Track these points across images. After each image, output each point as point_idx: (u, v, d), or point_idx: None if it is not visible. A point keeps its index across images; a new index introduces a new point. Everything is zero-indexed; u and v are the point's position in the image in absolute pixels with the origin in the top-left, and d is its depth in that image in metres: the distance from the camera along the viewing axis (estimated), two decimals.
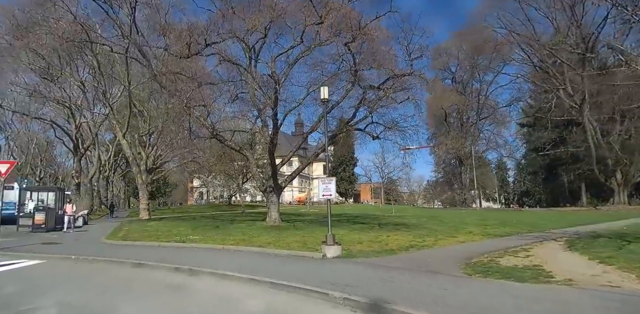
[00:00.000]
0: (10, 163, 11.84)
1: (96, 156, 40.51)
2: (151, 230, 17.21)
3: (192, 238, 13.48)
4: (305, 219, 24.76)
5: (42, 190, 21.03)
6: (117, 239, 13.68)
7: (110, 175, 61.71)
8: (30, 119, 32.61)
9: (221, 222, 22.65)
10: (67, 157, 74.21)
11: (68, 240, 14.15)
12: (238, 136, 24.98)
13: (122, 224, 22.57)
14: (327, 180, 10.31)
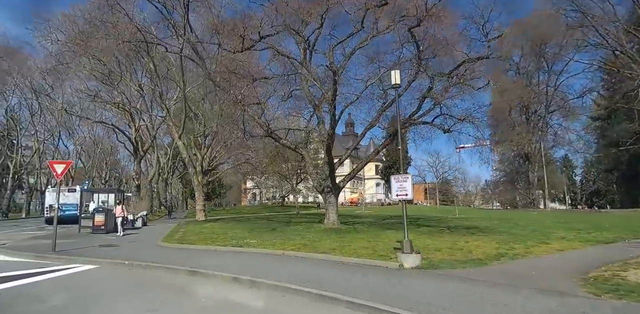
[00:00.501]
0: (66, 163, 11.56)
1: (155, 158, 41.63)
2: (207, 232, 16.62)
3: (250, 241, 12.56)
4: (364, 222, 23.38)
5: (102, 192, 21.34)
6: (173, 242, 13.07)
7: (169, 177, 63.76)
8: (93, 122, 33.72)
9: (277, 224, 21.83)
10: (129, 160, 77.89)
11: (125, 243, 13.76)
12: (292, 135, 24.11)
13: (179, 225, 22.40)
14: (402, 178, 8.90)
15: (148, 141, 34.81)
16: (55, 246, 11.04)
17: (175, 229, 18.90)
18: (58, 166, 11.21)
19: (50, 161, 10.88)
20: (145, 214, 25.34)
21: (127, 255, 10.38)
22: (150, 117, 33.90)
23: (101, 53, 26.84)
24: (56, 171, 11.13)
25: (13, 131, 45.95)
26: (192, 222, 25.21)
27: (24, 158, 47.43)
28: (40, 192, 53.79)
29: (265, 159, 39.43)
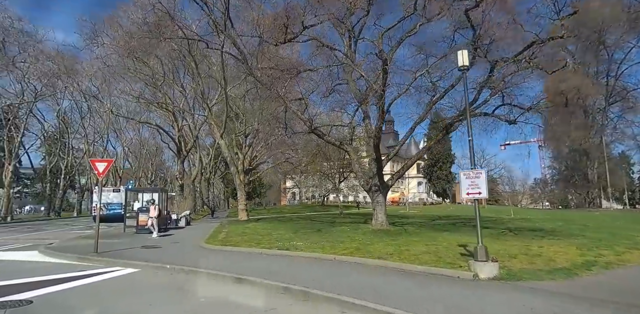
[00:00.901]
0: (107, 161, 11.20)
1: (198, 158, 42.01)
2: (250, 233, 15.97)
3: (296, 244, 11.70)
4: (413, 222, 22.09)
5: (146, 191, 21.36)
6: (217, 244, 12.45)
7: (211, 177, 64.63)
8: (139, 123, 34.32)
9: (321, 224, 20.97)
10: (173, 161, 79.95)
11: (168, 244, 13.30)
12: (335, 132, 23.21)
13: (222, 225, 22.02)
14: (474, 173, 7.68)
15: (191, 141, 35.05)
16: (98, 247, 10.64)
17: (218, 229, 18.43)
18: (100, 165, 10.83)
19: (91, 159, 10.44)
20: (188, 213, 25.25)
21: (169, 258, 9.79)
22: (193, 117, 34.06)
23: (145, 54, 27.11)
24: (98, 170, 10.76)
25: (65, 134, 47.87)
26: (234, 222, 24.84)
27: (75, 159, 49.30)
28: (90, 192, 55.96)
29: (305, 158, 38.94)
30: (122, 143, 62.78)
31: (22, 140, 40.49)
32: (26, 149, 47.02)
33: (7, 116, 39.15)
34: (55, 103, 43.34)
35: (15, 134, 37.52)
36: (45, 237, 17.57)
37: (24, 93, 33.77)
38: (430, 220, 25.28)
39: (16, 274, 8.07)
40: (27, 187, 73.44)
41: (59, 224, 27.98)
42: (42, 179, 52.17)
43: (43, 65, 29.08)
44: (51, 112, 45.62)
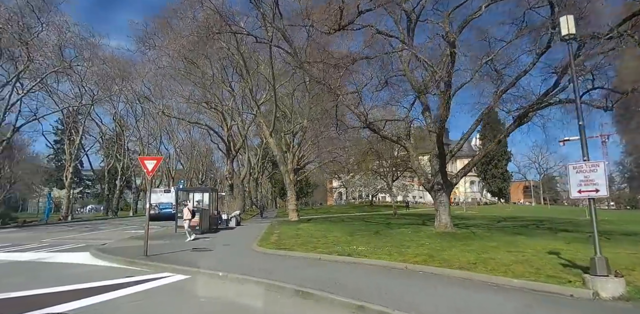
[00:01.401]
0: (157, 159, 10.58)
1: (246, 158, 42.00)
2: (304, 235, 14.99)
3: (358, 249, 10.51)
4: (477, 224, 20.30)
5: (197, 191, 21.03)
6: (271, 247, 11.53)
7: (259, 177, 65.09)
8: (188, 124, 34.61)
9: (376, 226, 19.67)
10: (222, 161, 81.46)
11: (219, 246, 12.58)
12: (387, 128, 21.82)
13: (273, 225, 21.28)
14: (589, 166, 6.15)
15: (240, 140, 34.95)
16: (147, 249, 10.03)
17: (269, 231, 17.63)
18: (149, 162, 10.24)
19: (140, 157, 9.83)
20: (238, 213, 24.81)
21: (220, 263, 8.97)
22: (241, 116, 33.89)
23: (194, 54, 27.09)
24: (147, 168, 10.18)
25: (121, 136, 49.66)
26: (284, 222, 24.08)
27: (131, 161, 51.02)
28: (144, 192, 57.85)
29: (354, 157, 37.68)
30: (174, 144, 64.63)
31: (82, 143, 42.34)
32: (86, 151, 49.26)
33: (67, 120, 41.07)
34: (111, 107, 45.05)
35: (75, 137, 39.19)
36: (99, 237, 17.58)
37: (82, 97, 35.03)
38: (494, 222, 23.27)
39: (62, 280, 7.53)
40: (88, 188, 77.53)
41: (115, 224, 28.58)
42: (101, 180, 54.52)
43: (99, 68, 29.87)
44: (108, 115, 47.51)
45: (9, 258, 10.69)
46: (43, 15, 23.15)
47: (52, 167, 65.73)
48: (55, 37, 23.83)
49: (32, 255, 11.21)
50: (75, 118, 39.90)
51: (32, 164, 63.60)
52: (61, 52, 25.91)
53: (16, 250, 12.46)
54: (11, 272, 8.72)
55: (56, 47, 24.68)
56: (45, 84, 32.55)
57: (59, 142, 58.78)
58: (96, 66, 28.58)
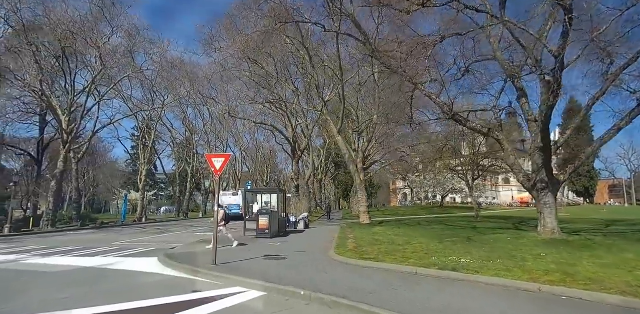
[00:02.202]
0: (225, 157, 9.49)
1: (311, 158, 41.08)
2: (384, 241, 13.30)
3: (461, 261, 8.64)
4: (583, 229, 17.35)
5: (265, 192, 20.19)
6: (352, 256, 9.99)
7: (322, 178, 64.30)
8: (254, 126, 34.31)
9: (462, 230, 17.44)
10: (286, 163, 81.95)
11: (292, 253, 11.27)
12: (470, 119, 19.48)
13: (344, 229, 19.79)
14: None
15: (305, 140, 34.08)
16: (216, 258, 8.93)
17: (343, 235, 16.13)
18: (216, 161, 9.18)
19: (207, 154, 8.70)
20: (307, 215, 23.68)
21: (298, 276, 7.59)
22: (305, 115, 32.99)
23: (258, 52, 26.59)
24: (214, 166, 9.13)
25: (190, 140, 51.19)
26: (355, 225, 22.52)
27: (200, 164, 52.36)
28: (213, 194, 59.26)
29: (418, 157, 35.30)
30: (240, 147, 65.86)
31: (156, 148, 43.96)
32: (159, 156, 51.27)
33: (141, 126, 42.85)
34: (181, 112, 46.51)
35: (149, 142, 40.68)
36: (169, 240, 17.19)
37: (153, 102, 36.09)
38: (601, 226, 19.96)
39: (125, 294, 6.58)
40: (162, 191, 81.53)
41: (185, 225, 28.77)
42: (173, 183, 56.68)
43: (169, 73, 30.37)
44: (178, 120, 49.12)
45: (78, 263, 10.17)
46: (113, 19, 23.72)
47: (129, 171, 69.85)
48: (126, 41, 24.35)
49: (99, 260, 10.64)
50: (149, 124, 41.42)
51: (112, 168, 68.32)
52: (132, 56, 26.50)
53: (86, 254, 12.07)
54: (76, 280, 7.99)
55: (127, 52, 25.22)
56: (119, 91, 33.93)
57: (135, 148, 62.12)
58: (166, 71, 28.99)
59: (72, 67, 25.18)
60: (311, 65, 22.83)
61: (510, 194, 79.57)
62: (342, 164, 71.50)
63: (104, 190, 66.36)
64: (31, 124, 38.38)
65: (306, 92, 31.28)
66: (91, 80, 25.87)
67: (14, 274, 8.74)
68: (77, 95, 26.51)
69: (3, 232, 20.40)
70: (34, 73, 23.22)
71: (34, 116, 36.56)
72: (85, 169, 53.21)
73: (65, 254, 11.89)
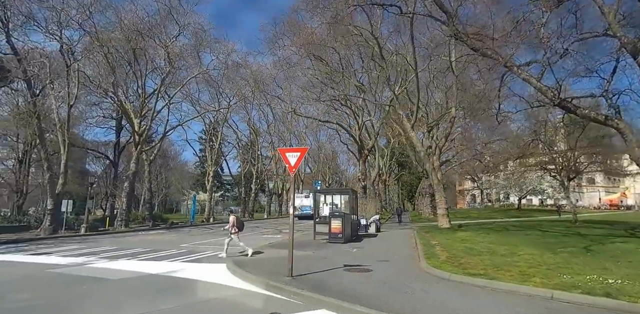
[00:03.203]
0: (301, 151, 8.16)
1: (376, 158, 39.25)
2: (482, 250, 11.30)
3: (609, 281, 6.59)
4: None
5: (335, 192, 18.83)
6: (452, 269, 8.24)
7: (387, 179, 62.11)
8: (317, 126, 33.19)
9: (569, 238, 14.80)
10: (347, 164, 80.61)
11: (374, 262, 9.73)
12: None
13: (421, 234, 17.87)
14: None
15: (372, 138, 32.46)
16: (292, 269, 7.63)
17: (424, 241, 14.28)
18: (291, 155, 7.93)
19: (280, 148, 7.44)
20: (377, 218, 22.02)
21: (396, 295, 6.05)
22: (370, 113, 31.30)
23: (323, 47, 25.54)
24: (289, 162, 7.88)
25: (254, 141, 51.54)
26: (432, 229, 20.43)
27: (264, 165, 52.57)
28: (277, 195, 59.41)
29: (495, 154, 32.21)
30: None
31: (222, 149, 44.54)
32: (225, 157, 52.10)
33: (208, 128, 43.67)
34: (246, 113, 46.85)
35: (215, 144, 41.26)
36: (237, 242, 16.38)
37: (219, 103, 36.38)
38: None
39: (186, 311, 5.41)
40: (228, 192, 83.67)
41: (251, 227, 28.25)
42: (238, 184, 57.49)
43: (234, 73, 30.18)
44: (243, 122, 49.60)
45: (141, 268, 9.38)
46: (180, 17, 23.72)
47: (197, 173, 72.40)
48: (192, 41, 24.29)
49: (165, 266, 9.80)
50: (215, 126, 42.08)
51: (181, 170, 71.22)
52: (199, 56, 26.51)
53: (153, 257, 11.38)
54: (136, 291, 7.09)
55: (194, 51, 25.20)
56: (187, 94, 34.57)
57: (202, 150, 64.10)
58: (231, 71, 28.79)
59: (142, 70, 25.64)
60: (380, 56, 21.10)
61: (597, 195, 71.77)
62: (406, 164, 68.77)
63: (175, 191, 69.15)
64: (108, 128, 40.63)
65: (371, 88, 29.65)
66: (160, 82, 26.21)
67: (75, 280, 8.06)
68: (148, 97, 27.02)
69: (80, 232, 20.93)
70: (108, 77, 23.87)
71: (110, 120, 38.54)
72: (157, 170, 55.55)
73: (132, 258, 11.30)
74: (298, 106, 35.80)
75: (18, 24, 20.40)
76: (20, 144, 39.16)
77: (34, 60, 21.34)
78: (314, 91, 31.23)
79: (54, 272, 8.90)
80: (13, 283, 7.76)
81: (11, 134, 38.64)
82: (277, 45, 28.18)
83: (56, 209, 20.82)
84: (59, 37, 21.24)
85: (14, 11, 19.89)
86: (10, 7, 19.50)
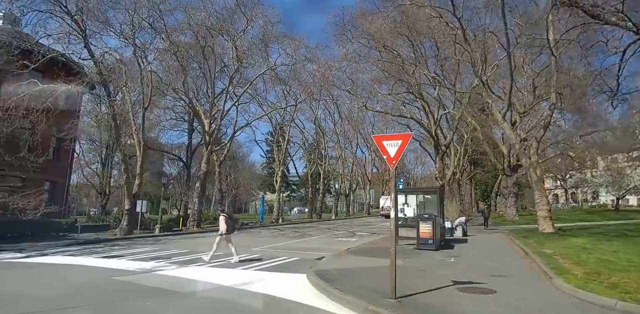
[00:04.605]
0: (403, 138, 6.37)
1: (452, 155, 36.31)
2: (620, 262, 8.90)
3: None
4: None
5: (419, 192, 16.86)
6: (609, 292, 6.11)
7: (459, 178, 58.35)
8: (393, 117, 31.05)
9: None
10: (415, 163, 77.34)
11: (486, 277, 7.80)
12: None
13: (520, 239, 15.37)
14: None
15: (450, 133, 29.96)
16: (396, 288, 6.00)
17: (533, 249, 11.89)
18: (389, 144, 6.29)
19: (376, 136, 5.74)
20: (464, 221, 19.69)
21: None
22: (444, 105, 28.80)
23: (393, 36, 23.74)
24: (387, 153, 6.26)
25: (321, 140, 50.64)
26: (531, 233, 17.62)
27: (329, 165, 51.49)
28: (344, 195, 57.96)
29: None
30: (369, 148, 63.69)
31: (288, 149, 44.01)
32: (291, 157, 51.72)
33: (275, 129, 43.40)
34: (312, 113, 46.07)
35: (282, 144, 40.84)
36: (311, 246, 15.14)
37: (286, 102, 35.79)
38: None
39: None
40: (294, 192, 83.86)
41: (322, 228, 27.08)
42: (305, 184, 56.95)
43: (302, 68, 29.20)
44: (309, 122, 48.91)
45: (214, 278, 8.23)
46: (247, 10, 23.07)
47: (264, 174, 73.32)
48: (260, 34, 23.60)
49: (238, 275, 8.62)
50: (283, 125, 41.75)
51: (249, 171, 72.62)
52: (267, 52, 25.81)
53: (225, 263, 10.32)
54: (207, 311, 5.87)
55: (262, 45, 24.51)
56: (254, 96, 34.35)
57: (268, 152, 64.64)
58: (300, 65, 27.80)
59: (211, 69, 25.46)
60: (464, 38, 18.70)
61: None
62: (479, 162, 64.31)
63: (243, 191, 70.57)
64: (181, 130, 41.79)
65: (445, 78, 27.14)
66: (228, 81, 25.94)
67: (140, 292, 7.04)
68: (217, 96, 26.88)
69: (154, 232, 20.94)
70: (178, 77, 23.95)
71: (183, 122, 39.52)
72: (227, 172, 56.68)
73: (203, 264, 10.32)
74: (367, 101, 34.09)
75: (96, 30, 20.91)
76: (103, 148, 41.65)
77: (110, 65, 21.92)
78: (386, 83, 29.33)
79: (119, 280, 8.03)
80: (70, 295, 6.89)
81: (96, 139, 41.19)
82: (346, 37, 26.79)
83: (133, 210, 21.02)
84: (132, 40, 21.51)
85: (91, 17, 20.36)
86: (88, 12, 19.96)
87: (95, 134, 40.57)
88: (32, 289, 7.32)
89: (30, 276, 8.68)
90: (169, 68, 25.57)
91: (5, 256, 11.79)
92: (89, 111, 35.83)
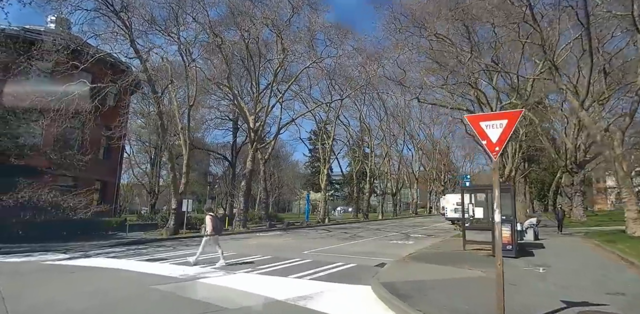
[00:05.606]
0: (509, 116, 4.88)
1: (511, 150, 33.60)
2: None
3: None
4: None
5: (479, 190, 15.08)
6: None
7: (514, 176, 54.73)
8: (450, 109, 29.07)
9: None
10: (462, 160, 73.96)
11: (609, 298, 6.16)
12: None
13: (607, 244, 13.30)
14: None
15: None
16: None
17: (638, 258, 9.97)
18: (489, 125, 4.94)
19: (469, 115, 4.32)
20: (534, 223, 17.61)
21: None
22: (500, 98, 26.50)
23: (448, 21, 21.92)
24: (487, 137, 4.93)
25: (366, 136, 49.24)
26: (617, 238, 15.33)
27: (375, 164, 49.97)
28: (391, 195, 55.99)
29: None
30: (415, 145, 61.41)
31: (333, 147, 42.88)
32: (336, 155, 50.59)
33: (319, 126, 42.41)
34: (356, 109, 44.66)
35: (327, 141, 39.80)
36: (365, 250, 13.85)
37: (331, 97, 34.71)
38: None
39: None
40: (337, 191, 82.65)
41: (371, 229, 25.71)
42: (350, 182, 55.66)
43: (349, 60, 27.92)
44: (354, 119, 47.54)
45: (265, 289, 7.09)
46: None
47: (307, 173, 72.73)
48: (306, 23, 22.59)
49: (293, 286, 7.44)
50: (327, 122, 40.74)
51: (293, 170, 72.31)
52: (312, 43, 24.74)
53: (276, 270, 9.20)
54: None
55: (308, 34, 23.48)
56: (298, 92, 33.49)
57: (311, 151, 63.94)
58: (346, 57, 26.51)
59: (256, 64, 24.77)
60: (532, 17, 16.57)
61: None
62: (535, 159, 60.14)
63: (287, 191, 70.28)
64: (226, 130, 41.74)
65: (504, 66, 24.86)
66: (273, 76, 25.17)
67: (180, 308, 6.06)
68: (261, 93, 26.17)
69: (200, 232, 20.42)
70: (223, 74, 23.48)
71: (227, 121, 39.38)
72: (271, 171, 56.51)
73: (252, 270, 9.30)
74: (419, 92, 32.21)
75: (142, 30, 20.71)
76: (152, 148, 42.52)
77: (155, 64, 21.78)
78: (436, 75, 27.45)
79: (158, 290, 7.06)
80: (101, 307, 6.03)
81: (145, 140, 42.13)
82: (395, 26, 25.18)
83: (179, 209, 20.65)
84: (177, 36, 21.17)
85: (136, 15, 20.15)
86: (133, 10, 19.76)
87: (144, 135, 41.48)
88: (63, 299, 6.53)
89: (67, 283, 7.96)
90: (213, 66, 25.19)
91: (49, 258, 11.38)
92: (138, 111, 36.52)
